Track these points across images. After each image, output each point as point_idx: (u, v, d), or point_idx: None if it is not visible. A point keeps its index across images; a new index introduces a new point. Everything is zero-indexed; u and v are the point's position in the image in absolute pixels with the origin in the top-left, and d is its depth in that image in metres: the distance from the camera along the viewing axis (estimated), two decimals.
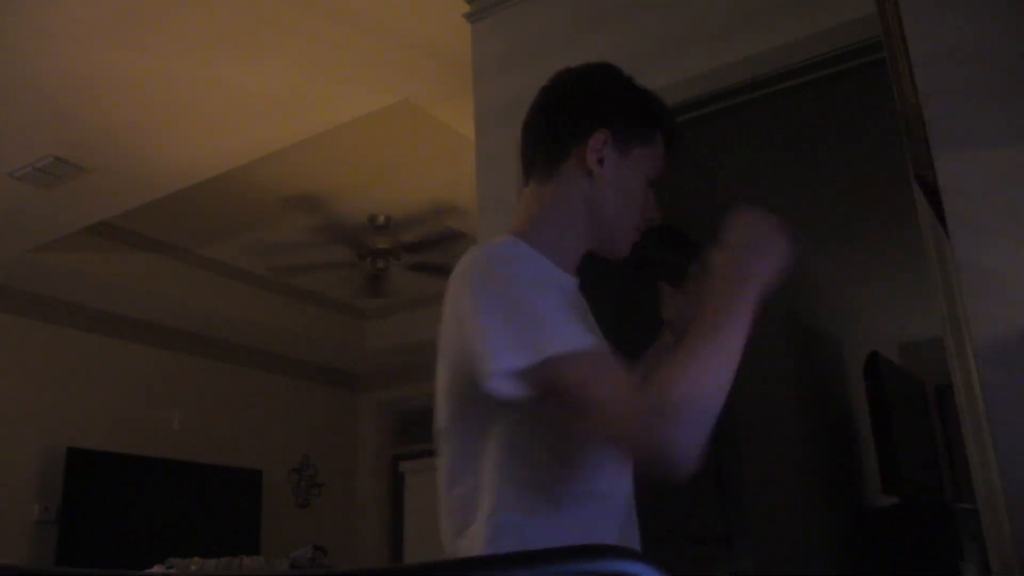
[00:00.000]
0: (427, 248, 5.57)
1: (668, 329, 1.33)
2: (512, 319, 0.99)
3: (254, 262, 5.98)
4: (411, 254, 5.63)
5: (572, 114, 1.20)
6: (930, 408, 5.29)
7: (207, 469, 6.14)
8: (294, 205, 5.22)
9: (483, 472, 1.05)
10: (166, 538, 5.59)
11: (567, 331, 1.00)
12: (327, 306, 6.83)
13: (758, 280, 1.02)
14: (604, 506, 1.09)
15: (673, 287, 1.29)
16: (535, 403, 1.00)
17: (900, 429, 4.32)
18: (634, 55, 2.51)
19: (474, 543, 1.03)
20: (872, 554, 4.11)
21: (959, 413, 1.84)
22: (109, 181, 4.29)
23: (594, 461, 1.08)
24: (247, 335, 6.57)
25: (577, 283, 1.20)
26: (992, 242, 1.08)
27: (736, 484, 2.98)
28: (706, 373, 0.95)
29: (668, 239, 1.30)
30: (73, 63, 3.39)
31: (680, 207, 2.43)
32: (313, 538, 4.30)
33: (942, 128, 1.14)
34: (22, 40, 3.24)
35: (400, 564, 1.49)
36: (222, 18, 3.18)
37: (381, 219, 5.37)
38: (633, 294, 1.33)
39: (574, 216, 1.17)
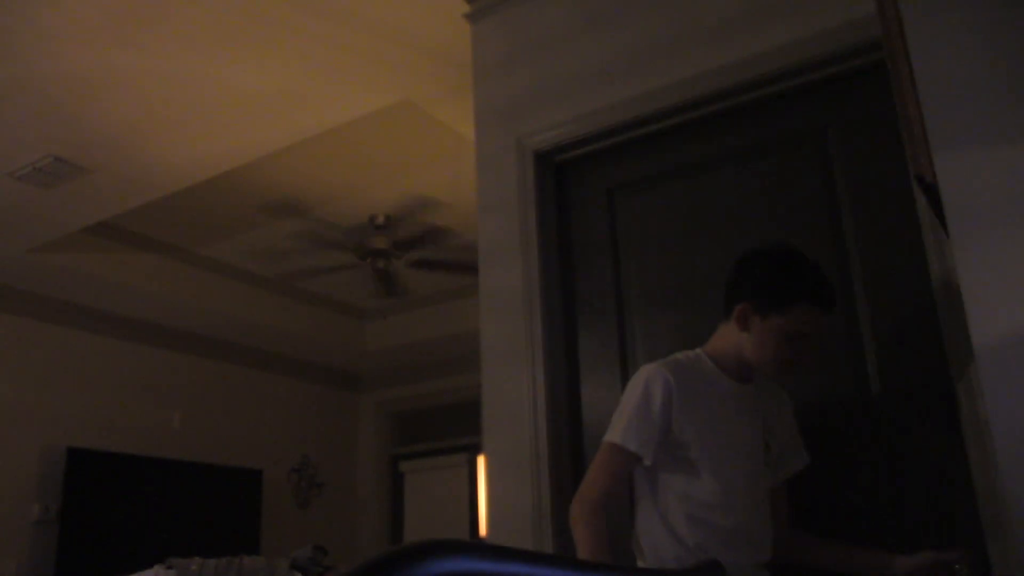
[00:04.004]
0: (428, 248, 5.58)
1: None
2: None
3: (254, 262, 5.98)
4: (411, 254, 5.63)
5: (733, 287, 1.78)
6: None
7: (207, 469, 6.14)
8: (294, 205, 5.22)
9: None
10: (166, 538, 5.59)
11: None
12: (327, 306, 6.83)
13: None
14: None
15: None
16: None
17: None
18: (634, 55, 2.51)
19: None
20: None
21: (959, 413, 1.84)
22: (109, 181, 4.29)
23: None
24: (247, 335, 6.57)
25: (741, 385, 1.78)
26: (992, 242, 1.08)
27: None
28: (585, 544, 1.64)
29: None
30: (73, 63, 3.39)
31: (681, 206, 2.43)
32: (313, 538, 4.30)
33: (942, 128, 1.14)
34: (22, 40, 3.24)
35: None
36: (222, 18, 3.18)
37: (381, 219, 5.37)
38: None
39: (734, 350, 1.76)
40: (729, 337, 1.76)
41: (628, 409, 1.71)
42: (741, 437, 1.74)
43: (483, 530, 2.69)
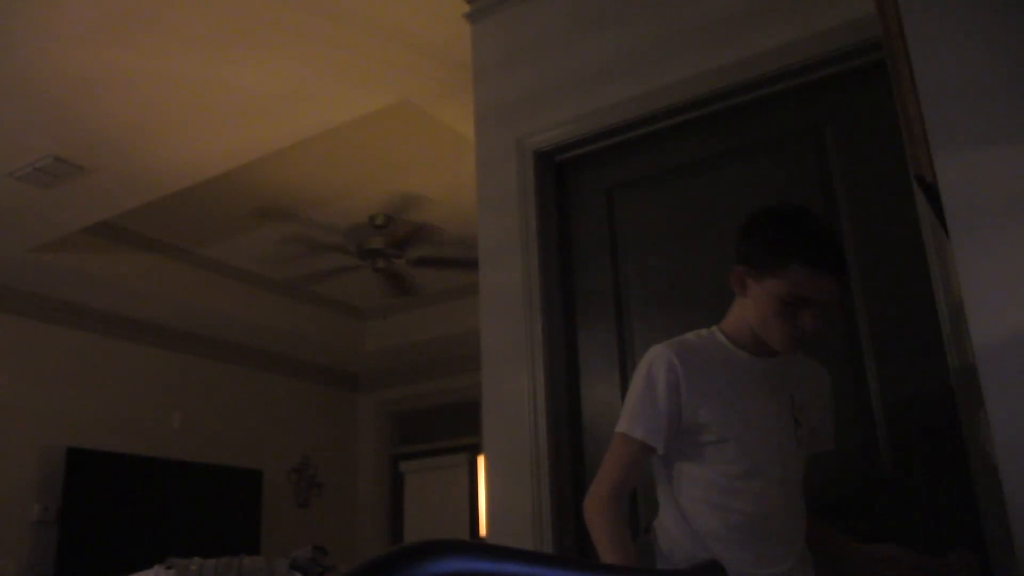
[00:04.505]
0: (428, 248, 5.58)
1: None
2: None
3: (254, 262, 5.98)
4: (411, 252, 5.63)
5: (736, 251, 1.64)
6: None
7: (207, 469, 6.14)
8: (294, 205, 5.22)
9: None
10: (166, 538, 5.59)
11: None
12: (327, 306, 6.83)
13: None
14: None
15: None
16: None
17: None
18: (634, 55, 2.51)
19: None
20: None
21: (959, 413, 1.84)
22: (109, 181, 4.29)
23: None
24: (247, 335, 6.57)
25: (762, 359, 1.63)
26: (992, 242, 1.08)
27: None
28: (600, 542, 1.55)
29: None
30: (73, 63, 3.39)
31: (681, 205, 2.43)
32: (313, 538, 4.30)
33: (942, 128, 1.14)
34: (22, 40, 3.24)
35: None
36: (222, 18, 3.18)
37: (381, 219, 5.37)
38: None
39: (746, 323, 1.63)
40: (740, 309, 1.64)
41: (633, 395, 1.60)
42: (764, 414, 1.59)
43: (483, 530, 2.67)
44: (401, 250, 5.54)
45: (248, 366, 6.79)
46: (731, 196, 2.34)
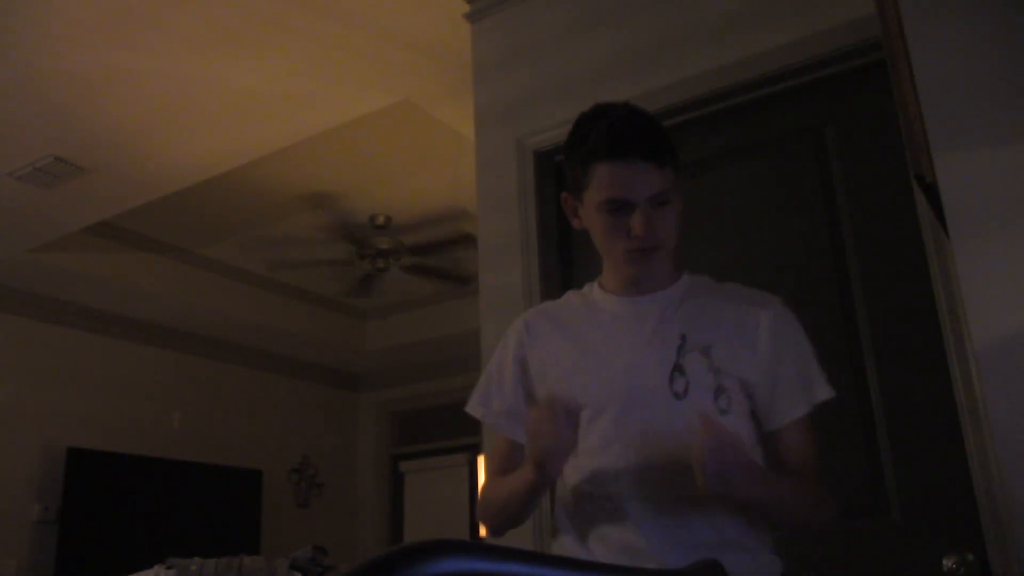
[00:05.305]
0: (428, 248, 5.58)
1: None
2: None
3: (254, 262, 5.98)
4: (412, 254, 5.63)
5: None
6: None
7: (207, 469, 6.14)
8: (294, 205, 5.22)
9: None
10: (166, 538, 5.59)
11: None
12: (327, 306, 6.83)
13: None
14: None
15: None
16: None
17: None
18: (634, 55, 2.51)
19: None
20: None
21: (959, 413, 1.84)
22: (109, 181, 4.29)
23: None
24: (247, 335, 6.57)
25: (637, 300, 1.40)
26: (992, 242, 1.08)
27: None
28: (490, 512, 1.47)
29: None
30: (73, 63, 3.39)
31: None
32: (313, 538, 4.30)
33: (942, 128, 1.14)
34: (22, 40, 3.24)
35: None
36: (222, 18, 3.17)
37: (381, 219, 5.37)
38: None
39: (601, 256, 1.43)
40: None
41: (485, 371, 1.47)
42: (625, 366, 1.32)
43: (483, 530, 2.68)
44: (400, 252, 5.54)
45: (248, 366, 6.79)
46: (731, 196, 2.33)
